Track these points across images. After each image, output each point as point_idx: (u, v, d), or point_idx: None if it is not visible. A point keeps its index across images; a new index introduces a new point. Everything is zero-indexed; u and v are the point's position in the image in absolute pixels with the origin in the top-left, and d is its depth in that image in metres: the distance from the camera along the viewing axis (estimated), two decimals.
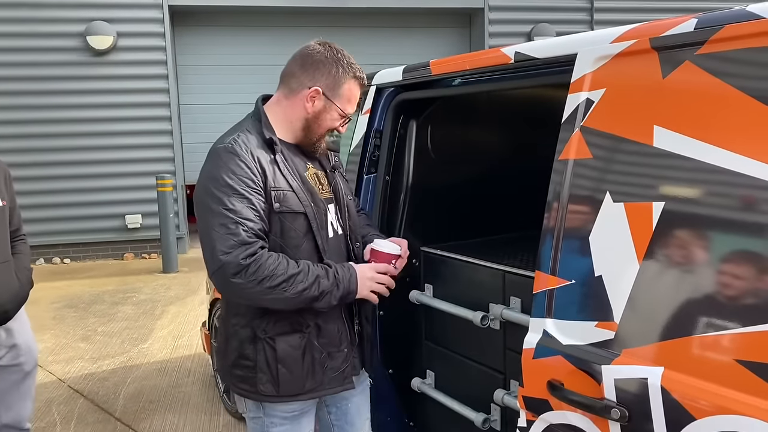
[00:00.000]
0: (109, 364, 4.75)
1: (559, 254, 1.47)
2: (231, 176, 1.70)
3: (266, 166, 1.75)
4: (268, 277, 1.65)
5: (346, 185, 2.03)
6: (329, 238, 1.88)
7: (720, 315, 1.16)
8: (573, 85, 1.49)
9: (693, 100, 1.25)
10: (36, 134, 8.39)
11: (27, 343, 2.58)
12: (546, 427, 1.46)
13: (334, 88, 1.84)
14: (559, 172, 1.49)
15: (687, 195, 1.26)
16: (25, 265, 2.58)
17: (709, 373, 1.16)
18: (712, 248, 1.20)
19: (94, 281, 7.54)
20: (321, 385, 1.85)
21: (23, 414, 2.61)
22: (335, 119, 1.87)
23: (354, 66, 1.86)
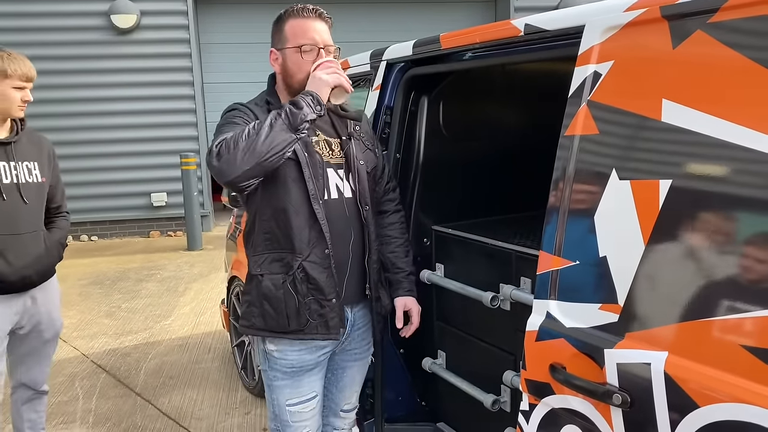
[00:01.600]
0: (131, 340, 4.82)
1: (564, 234, 1.42)
2: (229, 119, 1.88)
3: (262, 115, 1.85)
4: (235, 143, 1.70)
5: (365, 153, 2.04)
6: (330, 198, 1.92)
7: (727, 299, 1.11)
8: (580, 57, 1.43)
9: (704, 72, 1.18)
10: (61, 113, 8.49)
11: (50, 313, 2.69)
12: (548, 411, 1.43)
13: (280, 39, 1.92)
14: (564, 149, 1.43)
15: (695, 172, 1.19)
16: (57, 237, 2.68)
17: (715, 359, 1.11)
18: (720, 229, 1.14)
19: (119, 258, 7.67)
20: (306, 328, 1.90)
21: (40, 377, 2.76)
22: (296, 60, 1.88)
23: (291, 8, 1.91)
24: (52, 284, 2.70)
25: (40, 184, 2.58)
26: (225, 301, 4.19)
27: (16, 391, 2.75)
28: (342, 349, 2.09)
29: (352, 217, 1.97)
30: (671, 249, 1.20)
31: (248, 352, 3.82)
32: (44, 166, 2.62)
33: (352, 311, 2.05)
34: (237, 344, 4.00)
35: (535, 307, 1.47)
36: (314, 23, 1.90)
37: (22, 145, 2.55)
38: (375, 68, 2.53)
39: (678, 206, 1.19)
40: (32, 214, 2.55)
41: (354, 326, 2.08)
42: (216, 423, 3.50)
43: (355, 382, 2.20)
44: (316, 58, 1.87)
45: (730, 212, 1.14)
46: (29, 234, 2.52)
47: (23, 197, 2.48)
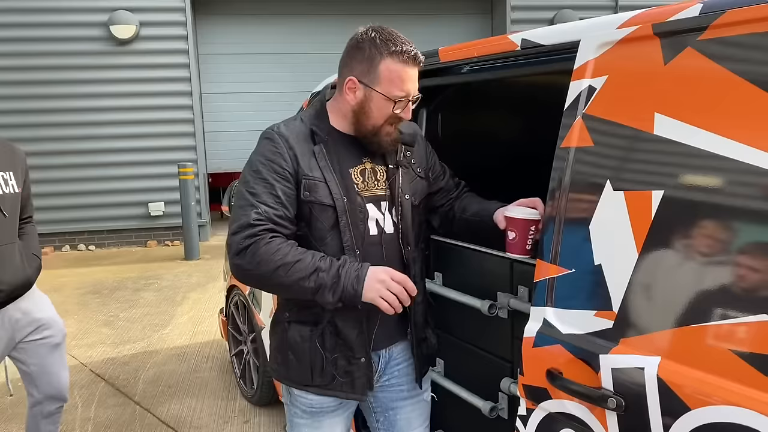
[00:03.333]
0: (129, 349, 4.84)
1: (560, 243, 1.46)
2: (262, 161, 1.72)
3: (301, 154, 1.72)
4: (265, 261, 1.61)
5: (414, 183, 1.88)
6: (368, 236, 1.78)
7: (717, 305, 1.15)
8: (576, 71, 1.48)
9: (694, 87, 1.23)
10: (60, 123, 8.54)
11: (50, 316, 2.67)
12: (545, 415, 1.46)
13: (369, 72, 1.69)
14: (560, 160, 1.48)
15: (686, 183, 1.24)
16: (31, 245, 2.64)
17: (706, 363, 1.15)
18: (710, 238, 1.18)
19: (117, 268, 7.69)
20: (330, 385, 1.80)
21: (62, 384, 2.72)
22: (383, 106, 1.71)
23: (390, 42, 1.67)
24: (35, 292, 2.67)
25: (15, 195, 2.54)
26: (224, 310, 4.22)
27: (38, 404, 2.70)
28: (383, 387, 1.96)
29: (389, 258, 1.81)
30: (663, 257, 1.24)
31: (246, 361, 3.85)
32: (19, 176, 2.58)
33: (387, 350, 1.92)
34: (235, 353, 4.02)
35: (533, 314, 1.51)
36: (412, 72, 1.71)
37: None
38: None
39: (670, 216, 1.23)
40: (8, 226, 2.51)
41: (392, 361, 1.94)
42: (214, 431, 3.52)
43: (413, 425, 2.02)
44: (403, 109, 1.73)
45: (720, 222, 1.18)
46: (5, 246, 2.47)
47: (2, 210, 2.44)
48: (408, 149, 1.89)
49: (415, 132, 1.94)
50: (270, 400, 3.70)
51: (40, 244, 2.76)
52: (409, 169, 1.87)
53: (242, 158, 1.85)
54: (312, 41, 9.51)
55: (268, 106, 9.29)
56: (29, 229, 2.70)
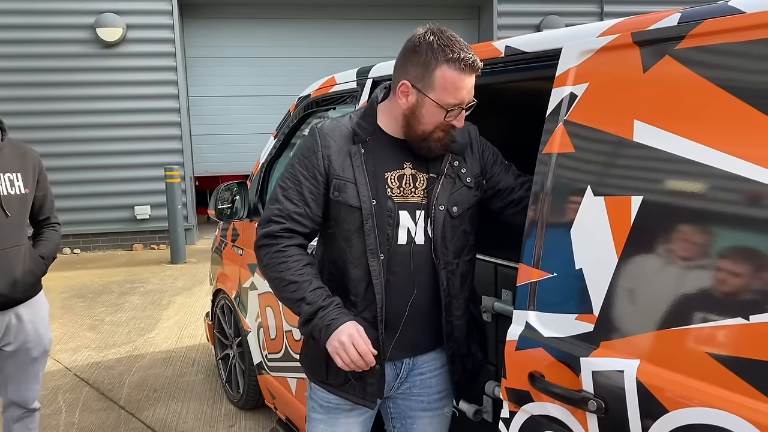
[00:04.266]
0: (115, 353, 4.82)
1: (542, 247, 1.48)
2: (299, 157, 1.78)
3: (336, 153, 1.73)
4: (269, 267, 1.73)
5: (457, 193, 1.79)
6: (396, 244, 1.74)
7: (695, 309, 1.17)
8: (557, 79, 1.50)
9: (671, 95, 1.25)
10: (45, 126, 8.48)
11: (36, 330, 2.65)
12: (527, 418, 1.48)
13: (423, 78, 1.65)
14: (542, 166, 1.50)
15: (665, 189, 1.26)
16: (43, 251, 2.64)
17: (683, 366, 1.17)
18: (688, 242, 1.21)
19: (103, 271, 7.64)
20: (343, 387, 1.79)
21: (29, 396, 2.70)
22: (435, 113, 1.67)
23: (448, 48, 1.62)
24: (38, 300, 2.66)
25: (23, 196, 2.54)
26: (210, 314, 4.21)
27: (7, 409, 2.70)
28: (403, 395, 1.92)
29: (419, 269, 1.76)
30: (643, 262, 1.27)
31: (232, 365, 3.84)
32: (28, 177, 2.57)
33: (412, 358, 1.86)
34: (221, 357, 4.01)
35: (515, 318, 1.53)
36: (468, 80, 1.66)
37: (5, 156, 2.50)
38: (361, 86, 2.58)
39: (649, 221, 1.26)
40: (15, 228, 2.50)
41: (415, 369, 1.88)
42: None
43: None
44: (455, 117, 1.69)
45: (697, 227, 1.20)
46: (11, 249, 2.47)
47: (5, 210, 2.44)
48: (456, 158, 1.81)
49: (469, 139, 1.86)
50: (256, 404, 3.69)
51: None
52: (454, 178, 1.79)
53: (229, 162, 1.88)
54: (300, 45, 9.52)
55: (255, 109, 9.28)
56: (47, 234, 2.71)
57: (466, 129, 1.86)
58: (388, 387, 1.87)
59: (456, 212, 1.78)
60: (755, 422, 1.05)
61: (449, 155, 1.80)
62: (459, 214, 1.78)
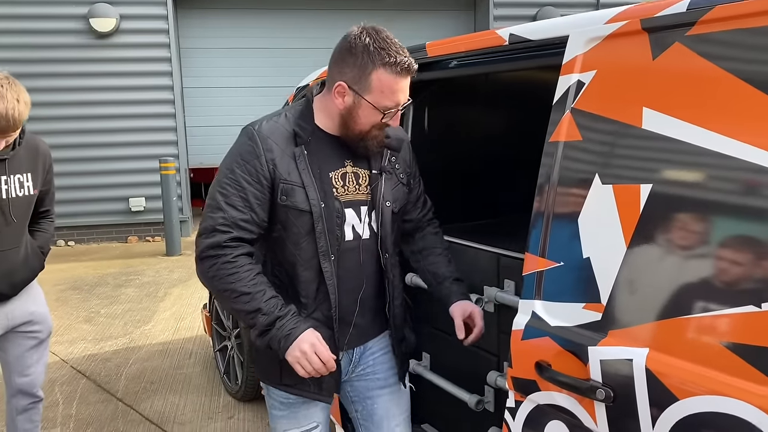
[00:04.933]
0: (111, 346, 4.79)
1: (549, 236, 1.47)
2: (238, 161, 1.71)
3: (279, 157, 1.70)
4: (218, 279, 1.67)
5: (396, 189, 1.86)
6: (344, 241, 1.77)
7: (705, 297, 1.17)
8: (564, 66, 1.49)
9: (681, 82, 1.24)
10: (38, 117, 8.38)
11: (41, 312, 2.66)
12: (534, 407, 1.48)
13: (360, 80, 1.66)
14: (549, 154, 1.49)
15: (674, 177, 1.25)
16: (39, 244, 2.63)
17: (693, 354, 1.17)
18: (697, 231, 1.20)
19: (97, 264, 7.60)
20: (298, 385, 1.81)
21: (37, 380, 2.69)
22: (371, 114, 1.69)
23: (384, 51, 1.63)
24: (34, 285, 2.66)
25: (30, 197, 2.52)
26: (207, 306, 4.19)
27: (11, 400, 2.68)
28: (358, 377, 1.97)
29: (366, 263, 1.82)
30: (651, 250, 1.26)
31: (230, 356, 3.83)
32: (38, 178, 2.55)
33: (363, 345, 1.93)
34: (219, 349, 4.00)
35: (521, 307, 1.52)
36: (404, 83, 1.68)
37: (19, 158, 2.46)
38: None
39: (658, 209, 1.25)
40: (17, 230, 2.48)
41: (366, 352, 1.95)
42: (199, 428, 3.50)
43: (392, 414, 2.00)
44: (392, 118, 1.73)
45: (707, 215, 1.20)
46: (12, 250, 2.46)
47: (12, 215, 2.42)
48: (393, 154, 1.86)
49: (403, 137, 1.91)
50: (254, 395, 3.68)
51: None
52: (392, 175, 1.86)
53: (224, 153, 1.83)
54: (295, 36, 9.45)
55: (250, 101, 9.22)
56: (44, 225, 2.69)
57: (400, 129, 1.91)
58: (343, 374, 1.92)
59: (396, 208, 1.86)
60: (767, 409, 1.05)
61: (387, 152, 1.84)
62: (398, 209, 1.88)
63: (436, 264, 2.00)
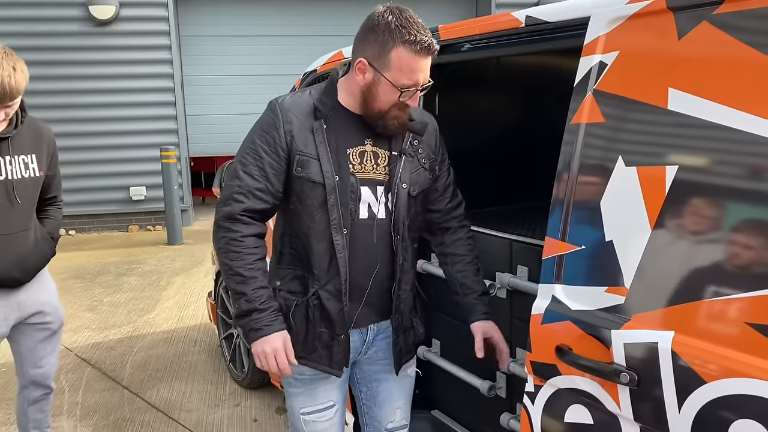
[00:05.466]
0: (115, 334, 4.79)
1: (570, 220, 1.45)
2: (259, 132, 1.77)
3: (298, 129, 1.74)
4: (223, 251, 1.74)
5: (416, 173, 1.85)
6: (358, 218, 1.79)
7: (732, 279, 1.15)
8: (586, 47, 1.46)
9: (709, 61, 1.22)
10: (38, 105, 8.32)
11: (52, 302, 2.62)
12: (554, 392, 1.47)
13: (380, 57, 1.67)
14: (570, 137, 1.47)
15: (701, 159, 1.24)
16: (49, 229, 2.60)
17: (720, 336, 1.16)
18: (724, 213, 1.18)
19: (99, 252, 7.58)
20: (311, 356, 1.83)
21: (48, 371, 2.67)
22: (389, 92, 1.69)
23: (405, 29, 1.64)
24: (44, 275, 2.62)
25: (36, 179, 2.48)
26: (212, 294, 4.18)
27: (24, 390, 2.66)
28: (368, 359, 2.00)
29: (381, 243, 1.83)
30: (677, 233, 1.25)
31: (236, 344, 3.82)
32: (42, 159, 2.51)
33: (376, 324, 1.94)
34: (225, 337, 3.99)
35: (541, 292, 1.51)
36: (423, 62, 1.68)
37: (21, 138, 2.43)
38: None
39: (684, 191, 1.23)
40: (24, 212, 2.44)
41: (380, 334, 1.96)
42: (206, 415, 3.50)
43: (394, 397, 2.04)
44: (410, 97, 1.73)
45: (734, 197, 1.18)
46: (19, 233, 2.42)
47: (16, 196, 2.38)
48: (416, 138, 1.87)
49: (427, 121, 1.92)
50: (261, 383, 3.68)
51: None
52: (414, 158, 1.86)
53: (224, 142, 1.88)
54: (297, 23, 9.38)
55: (251, 89, 9.16)
56: (53, 212, 2.66)
57: (426, 114, 1.94)
58: (355, 353, 1.93)
59: (414, 191, 1.85)
60: None
61: (409, 134, 1.85)
62: (416, 193, 1.86)
63: (464, 273, 2.00)
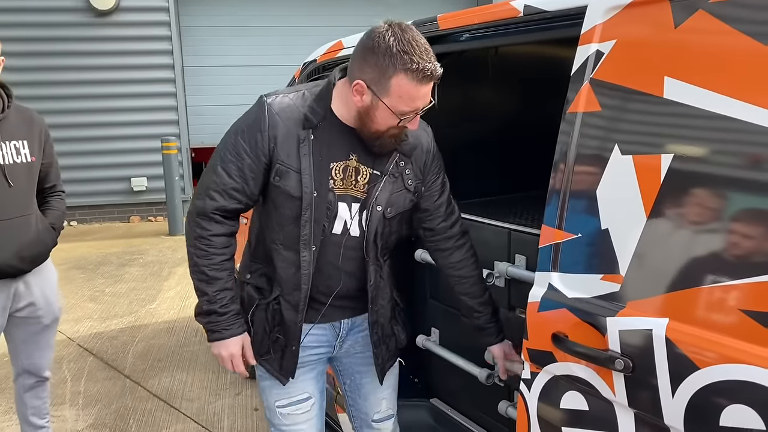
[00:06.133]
0: (117, 324, 4.81)
1: (566, 208, 1.46)
2: (244, 128, 1.72)
3: (282, 137, 1.67)
4: (192, 246, 1.72)
5: (397, 195, 1.79)
6: (330, 234, 1.76)
7: (726, 266, 1.16)
8: (583, 36, 1.47)
9: (706, 50, 1.23)
10: (38, 96, 8.31)
11: (46, 297, 2.63)
12: (550, 378, 1.48)
13: (379, 82, 1.58)
14: (567, 126, 1.48)
15: (696, 147, 1.25)
16: (51, 220, 2.60)
17: (714, 323, 1.17)
18: (719, 201, 1.19)
19: (100, 243, 7.60)
20: (264, 357, 1.83)
21: (42, 363, 2.69)
22: (388, 117, 1.62)
23: (407, 55, 1.54)
24: (46, 268, 2.63)
25: (29, 164, 2.48)
26: None
27: (18, 378, 2.69)
28: (347, 353, 1.98)
29: (347, 260, 1.80)
30: (672, 221, 1.25)
31: None
32: (35, 145, 2.51)
33: (350, 319, 1.93)
34: None
35: (537, 280, 1.52)
36: (425, 89, 1.60)
37: (10, 123, 2.43)
38: None
39: (679, 180, 1.24)
40: (20, 198, 2.44)
41: (355, 328, 1.95)
42: (207, 404, 3.53)
43: (378, 389, 2.02)
44: (410, 121, 1.67)
45: (729, 185, 1.19)
46: (18, 219, 2.42)
47: (8, 179, 2.37)
48: (402, 158, 1.79)
49: (418, 143, 1.83)
50: None
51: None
52: (398, 179, 1.79)
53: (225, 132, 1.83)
54: (298, 14, 9.35)
55: (252, 79, 9.13)
56: (54, 203, 2.66)
57: (421, 130, 1.84)
58: (330, 347, 1.93)
59: (390, 214, 1.79)
60: None
61: (396, 154, 1.78)
62: (392, 215, 1.80)
63: (470, 295, 1.94)
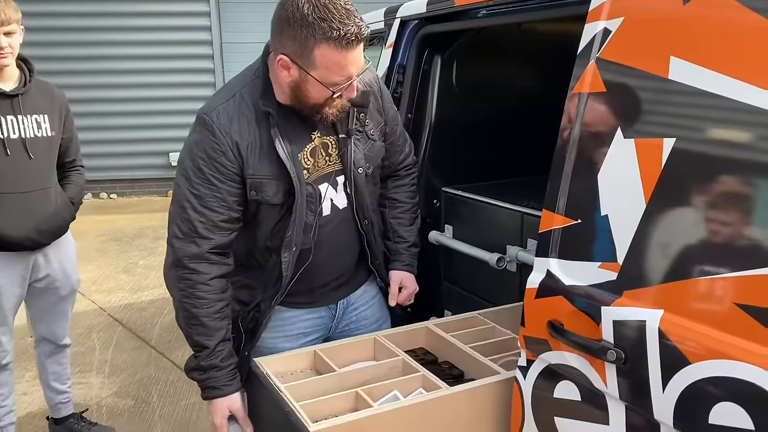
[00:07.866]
0: (147, 296, 4.92)
1: (567, 192, 1.41)
2: (204, 159, 1.58)
3: (245, 150, 1.58)
4: (186, 296, 1.61)
5: (366, 151, 1.75)
6: (322, 217, 1.72)
7: (724, 258, 1.10)
8: (591, 13, 1.40)
9: (714, 29, 1.16)
10: (80, 71, 8.50)
11: (64, 270, 2.68)
12: (545, 367, 1.44)
13: (303, 55, 1.48)
14: (571, 107, 1.42)
15: (699, 132, 1.18)
16: (71, 195, 2.65)
17: (709, 316, 1.11)
18: (721, 189, 1.13)
19: (138, 216, 7.77)
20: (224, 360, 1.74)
21: (59, 332, 2.78)
22: (321, 90, 1.53)
23: (326, 22, 1.42)
24: (65, 240, 2.69)
25: (49, 138, 2.52)
26: None
27: (38, 344, 2.78)
28: (342, 332, 1.95)
29: (343, 232, 1.78)
30: (671, 209, 1.20)
31: None
32: (55, 119, 2.55)
33: (344, 300, 1.92)
34: None
35: (536, 265, 1.48)
36: (354, 54, 1.49)
37: (31, 98, 2.47)
38: (389, 26, 2.51)
39: (680, 166, 1.18)
40: (41, 171, 2.49)
41: (349, 308, 1.93)
42: None
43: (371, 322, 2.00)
44: (346, 90, 1.57)
45: (732, 173, 1.12)
46: (38, 192, 2.46)
47: (29, 152, 2.41)
48: (361, 110, 1.72)
49: (369, 89, 1.73)
50: None
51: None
52: (362, 134, 1.73)
53: None
54: None
55: None
56: (74, 177, 2.71)
57: (368, 77, 1.73)
58: (326, 329, 1.92)
59: (370, 170, 1.77)
60: None
61: (354, 110, 1.69)
62: (372, 171, 1.78)
63: (399, 221, 1.97)
